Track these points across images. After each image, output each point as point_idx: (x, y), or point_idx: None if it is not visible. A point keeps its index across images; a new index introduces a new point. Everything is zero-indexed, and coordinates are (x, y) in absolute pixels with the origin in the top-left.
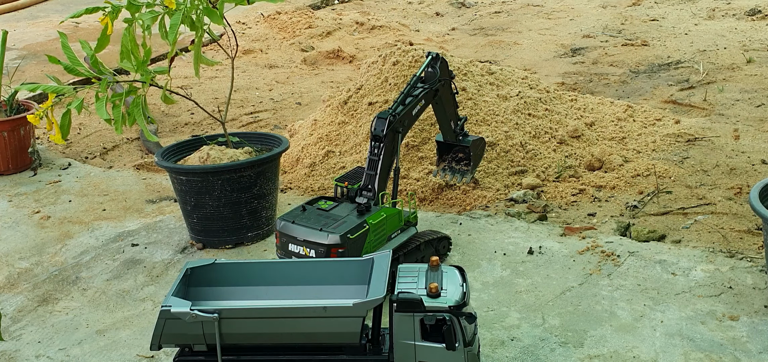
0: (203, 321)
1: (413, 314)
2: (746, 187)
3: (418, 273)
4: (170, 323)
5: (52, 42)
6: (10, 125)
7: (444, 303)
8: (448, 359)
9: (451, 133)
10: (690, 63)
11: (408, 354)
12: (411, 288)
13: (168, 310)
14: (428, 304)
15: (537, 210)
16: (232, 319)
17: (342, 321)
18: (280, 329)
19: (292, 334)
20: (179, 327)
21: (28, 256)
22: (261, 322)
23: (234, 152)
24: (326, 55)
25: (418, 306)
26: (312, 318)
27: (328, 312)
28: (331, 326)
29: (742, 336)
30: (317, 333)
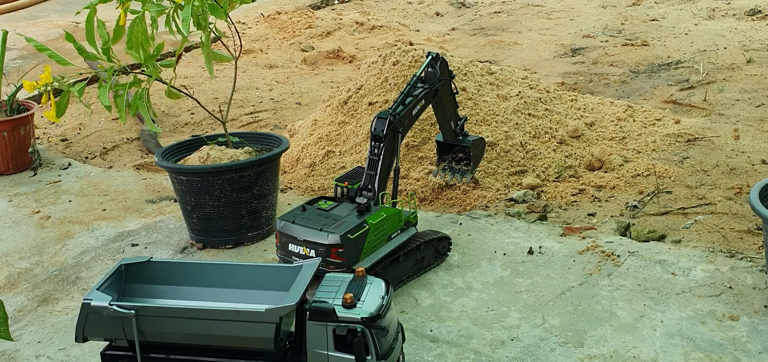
0: (122, 317)
1: (326, 323)
2: (746, 187)
3: (340, 284)
4: (92, 316)
5: (52, 42)
6: (10, 125)
7: (357, 314)
8: None
9: (451, 133)
10: (690, 63)
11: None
12: (328, 298)
13: (89, 304)
14: (341, 315)
15: (537, 210)
16: (148, 317)
17: (256, 326)
18: (196, 330)
19: (209, 336)
20: (100, 321)
21: (28, 256)
22: (177, 322)
23: (234, 152)
24: (326, 55)
25: (330, 316)
26: (226, 322)
27: (241, 316)
28: (246, 330)
29: (742, 336)
30: (233, 336)
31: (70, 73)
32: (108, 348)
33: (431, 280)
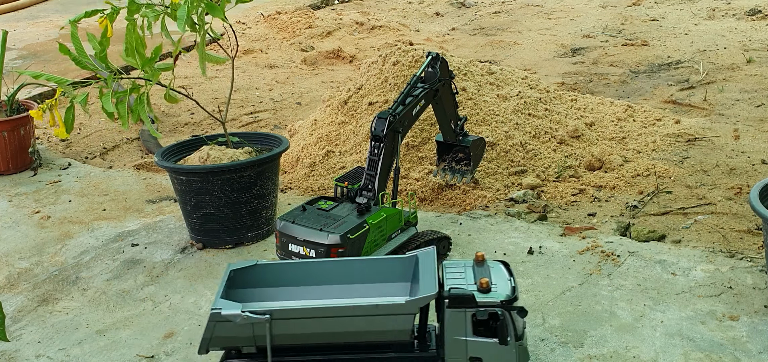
0: (254, 323)
1: (465, 310)
2: (746, 187)
3: (464, 269)
4: (220, 326)
5: (52, 42)
6: (10, 125)
7: (495, 297)
8: (499, 354)
9: (451, 133)
10: (690, 63)
11: (459, 350)
12: (460, 284)
13: (218, 313)
14: (480, 299)
15: (537, 210)
16: (283, 320)
17: (394, 318)
18: (331, 328)
19: (343, 333)
20: (229, 329)
21: (28, 256)
22: (312, 322)
23: (234, 152)
24: (326, 55)
25: (470, 302)
26: (363, 317)
27: (379, 309)
28: (383, 324)
29: (742, 336)
30: (368, 331)
31: (68, 78)
32: (226, 358)
33: None
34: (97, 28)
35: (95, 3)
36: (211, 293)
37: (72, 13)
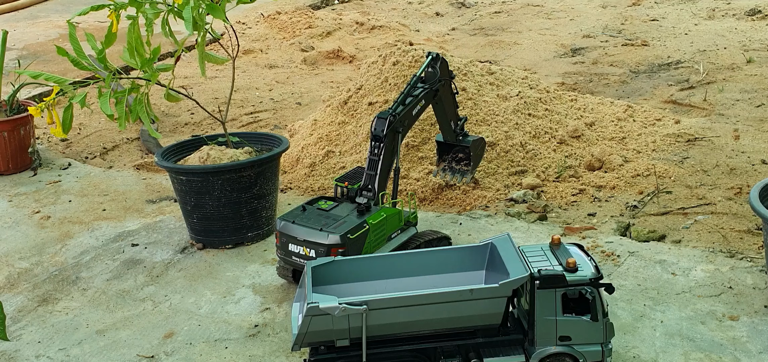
0: (350, 314)
1: (555, 290)
2: (746, 187)
3: (543, 252)
4: (316, 320)
5: (52, 42)
6: (10, 125)
7: (584, 276)
8: (589, 330)
9: (451, 133)
10: (690, 63)
11: (549, 329)
12: (544, 267)
13: (316, 306)
14: (570, 279)
15: (537, 210)
16: (380, 310)
17: (487, 302)
18: (425, 316)
19: (436, 320)
20: (325, 323)
21: (28, 256)
22: (407, 311)
23: (234, 152)
24: (326, 55)
25: (560, 282)
26: (458, 302)
27: (475, 294)
28: (476, 308)
29: (742, 336)
30: (461, 316)
31: (68, 78)
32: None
33: None
34: (99, 27)
35: (96, 1)
36: (211, 293)
37: (72, 13)
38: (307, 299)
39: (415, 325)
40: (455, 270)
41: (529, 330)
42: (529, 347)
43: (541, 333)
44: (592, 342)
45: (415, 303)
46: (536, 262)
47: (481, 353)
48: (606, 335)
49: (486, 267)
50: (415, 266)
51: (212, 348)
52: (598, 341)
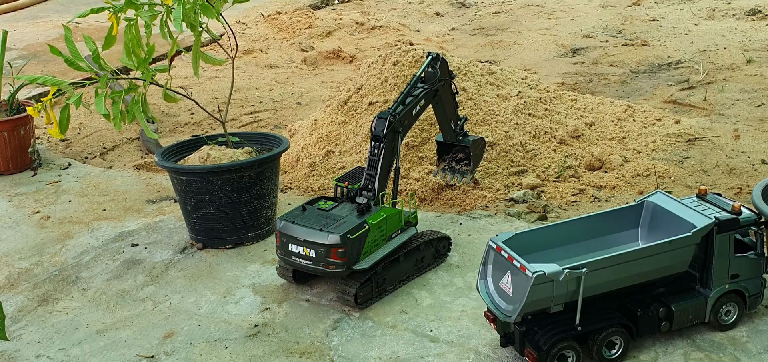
0: (572, 278)
1: (730, 233)
2: (746, 187)
3: (699, 203)
4: (539, 288)
5: (52, 42)
6: (10, 125)
7: (750, 217)
8: (753, 266)
9: (451, 133)
10: (690, 63)
11: (723, 269)
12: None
13: (543, 274)
14: (742, 220)
15: (537, 210)
16: (597, 270)
17: (681, 251)
18: (630, 272)
19: (638, 275)
20: (546, 291)
21: (28, 256)
22: (616, 269)
23: (234, 152)
24: (326, 55)
25: (735, 225)
26: (657, 255)
27: (672, 244)
28: (671, 258)
29: (742, 336)
30: (659, 267)
31: (64, 80)
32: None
33: (431, 280)
34: (100, 27)
35: (95, 3)
36: (211, 293)
37: (72, 13)
38: (529, 269)
39: (618, 282)
40: (616, 230)
41: (705, 273)
42: (703, 289)
43: (717, 273)
44: (755, 277)
45: (624, 261)
46: (703, 211)
47: (665, 301)
48: (765, 268)
49: (640, 225)
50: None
51: (212, 348)
52: (758, 274)
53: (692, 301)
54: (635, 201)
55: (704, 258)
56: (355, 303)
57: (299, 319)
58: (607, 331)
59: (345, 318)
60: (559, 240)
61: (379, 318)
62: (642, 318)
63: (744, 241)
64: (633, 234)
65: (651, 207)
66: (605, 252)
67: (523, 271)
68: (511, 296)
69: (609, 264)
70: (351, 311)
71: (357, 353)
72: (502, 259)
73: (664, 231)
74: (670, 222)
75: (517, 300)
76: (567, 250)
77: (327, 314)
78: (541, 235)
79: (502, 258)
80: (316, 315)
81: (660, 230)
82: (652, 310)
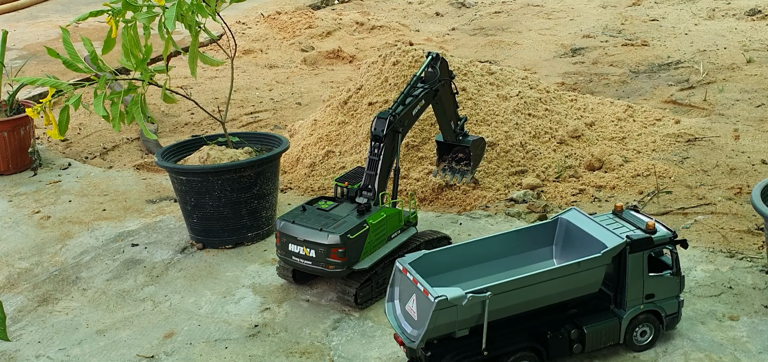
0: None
1: (643, 251)
2: (746, 187)
3: (612, 220)
4: (443, 313)
5: (52, 42)
6: (10, 125)
7: (664, 236)
8: (669, 285)
9: (451, 133)
10: (690, 63)
11: (638, 289)
12: (625, 232)
13: (445, 299)
14: (655, 239)
15: (537, 210)
16: (501, 294)
17: (591, 272)
18: (538, 294)
19: (545, 297)
20: (450, 315)
21: (28, 256)
22: (523, 291)
23: (234, 152)
24: (326, 55)
25: (649, 244)
26: (566, 276)
27: (581, 266)
28: (581, 280)
29: (742, 336)
30: (568, 289)
31: (63, 81)
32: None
33: None
34: (100, 27)
35: (95, 3)
36: (211, 293)
37: (72, 13)
38: (431, 293)
39: (526, 305)
40: (530, 249)
41: (619, 294)
42: (617, 309)
43: (632, 294)
44: (671, 296)
45: (531, 283)
46: (615, 230)
47: (578, 322)
48: (681, 287)
49: (554, 242)
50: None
51: (212, 348)
52: (675, 294)
53: (606, 322)
54: (549, 219)
55: (618, 278)
56: (355, 303)
57: (299, 319)
58: (516, 355)
59: (345, 318)
60: (471, 260)
61: (379, 318)
62: (552, 340)
63: (661, 260)
64: (547, 253)
65: (565, 225)
66: (513, 273)
67: (427, 295)
68: (416, 320)
69: (514, 287)
70: (351, 311)
71: (357, 353)
72: (408, 282)
73: (578, 250)
74: (583, 241)
75: (421, 324)
76: (478, 270)
77: (327, 314)
78: (452, 255)
79: (408, 280)
80: (316, 315)
81: (573, 249)
82: (563, 332)
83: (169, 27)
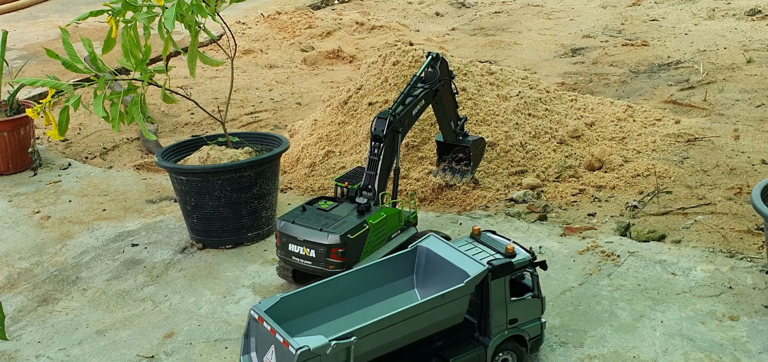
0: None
1: (505, 277)
2: (746, 187)
3: (471, 245)
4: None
5: (52, 42)
6: (10, 125)
7: (524, 258)
8: (530, 308)
9: (451, 133)
10: (690, 63)
11: (501, 315)
12: (482, 258)
13: (307, 350)
14: (516, 263)
15: (537, 210)
16: (367, 337)
17: (455, 303)
18: (403, 332)
19: (411, 334)
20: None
21: (28, 256)
22: (388, 331)
23: (234, 152)
24: (326, 55)
25: (510, 268)
26: (431, 310)
27: (446, 298)
28: (446, 312)
29: (742, 336)
30: (434, 322)
31: (62, 82)
32: None
33: None
34: (100, 27)
35: (95, 3)
36: (211, 293)
37: (72, 13)
38: (292, 345)
39: (392, 344)
40: (390, 281)
41: (483, 321)
42: (482, 337)
43: (495, 320)
44: (533, 319)
45: (396, 322)
46: (475, 255)
47: (443, 354)
48: (542, 309)
49: (415, 271)
50: (351, 288)
51: (212, 348)
52: (537, 316)
53: (471, 352)
54: (408, 249)
55: (481, 305)
56: None
57: None
58: None
59: None
60: (331, 299)
61: None
62: None
63: (522, 283)
64: (408, 283)
65: (424, 254)
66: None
67: (287, 347)
68: None
69: (380, 327)
70: None
71: None
72: (265, 332)
73: (439, 278)
74: (443, 270)
75: None
76: (339, 309)
77: None
78: (310, 296)
79: (265, 330)
80: None
81: (435, 277)
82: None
83: (168, 27)
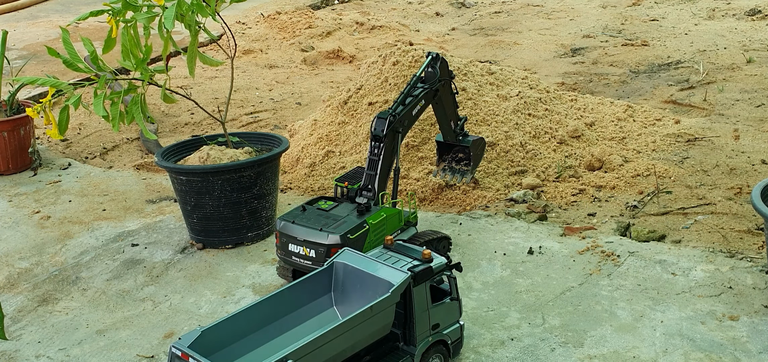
0: None
1: (426, 282)
2: (746, 187)
3: (387, 255)
4: None
5: (52, 42)
6: (10, 125)
7: (442, 262)
8: (449, 311)
9: (451, 133)
10: (690, 63)
11: (424, 322)
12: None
13: None
14: (435, 268)
15: (537, 210)
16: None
17: (382, 314)
18: (337, 349)
19: (345, 349)
20: None
21: (28, 256)
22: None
23: (234, 152)
24: (326, 55)
25: (430, 274)
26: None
27: (374, 310)
28: (375, 324)
29: (742, 336)
30: (365, 336)
31: (62, 81)
32: None
33: None
34: (100, 27)
35: (95, 3)
36: (211, 293)
37: (72, 13)
38: None
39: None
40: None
41: (408, 330)
42: (407, 347)
43: (420, 328)
44: (453, 323)
45: (328, 340)
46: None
47: None
48: (460, 312)
49: (333, 288)
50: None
51: None
52: (456, 319)
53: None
54: (324, 265)
55: (405, 314)
56: None
57: None
58: None
59: None
60: (253, 327)
61: None
62: None
63: (440, 288)
64: (327, 301)
65: (341, 269)
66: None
67: None
68: None
69: (312, 348)
70: None
71: None
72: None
73: (359, 292)
74: (363, 282)
75: None
76: (263, 335)
77: None
78: (233, 325)
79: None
80: None
81: (354, 291)
82: None
83: (168, 26)
